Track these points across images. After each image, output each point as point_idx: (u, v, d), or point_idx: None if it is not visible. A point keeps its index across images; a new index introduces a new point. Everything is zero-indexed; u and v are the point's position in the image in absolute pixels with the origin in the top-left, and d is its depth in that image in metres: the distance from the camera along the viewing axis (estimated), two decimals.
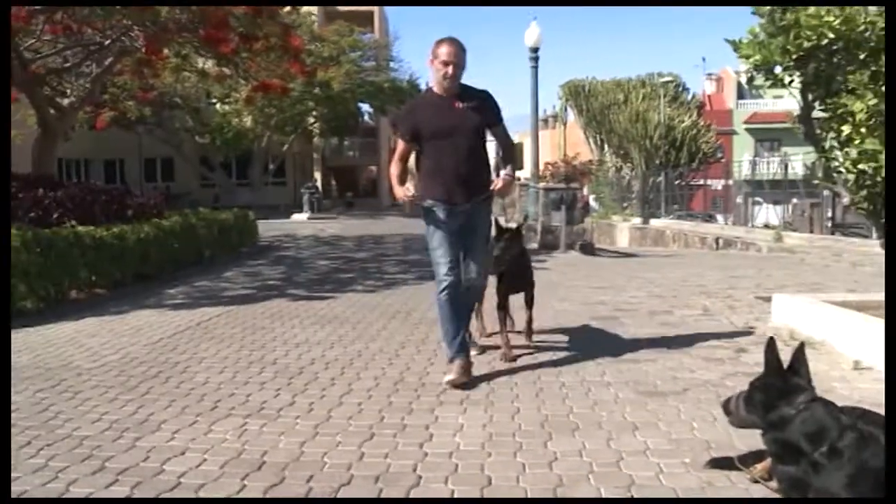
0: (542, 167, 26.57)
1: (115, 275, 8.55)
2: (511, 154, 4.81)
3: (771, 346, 2.66)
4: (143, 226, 9.61)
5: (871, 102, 4.63)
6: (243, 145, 36.06)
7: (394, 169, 4.54)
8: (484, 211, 4.64)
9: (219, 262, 11.61)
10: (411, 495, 2.83)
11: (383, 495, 2.83)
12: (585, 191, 29.64)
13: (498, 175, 4.54)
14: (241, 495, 2.84)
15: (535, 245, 14.57)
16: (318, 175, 43.37)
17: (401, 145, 4.65)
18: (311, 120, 38.72)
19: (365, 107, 42.54)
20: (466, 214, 4.49)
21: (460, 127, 4.45)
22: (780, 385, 2.59)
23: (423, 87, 28.44)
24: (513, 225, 5.31)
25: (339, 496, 2.82)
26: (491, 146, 4.83)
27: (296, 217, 28.92)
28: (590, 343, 5.44)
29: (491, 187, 4.50)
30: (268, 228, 18.57)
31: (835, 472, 2.38)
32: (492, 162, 4.88)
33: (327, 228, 22.36)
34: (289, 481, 2.98)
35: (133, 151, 37.60)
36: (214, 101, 33.82)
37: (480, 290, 4.88)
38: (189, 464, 3.17)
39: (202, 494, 2.84)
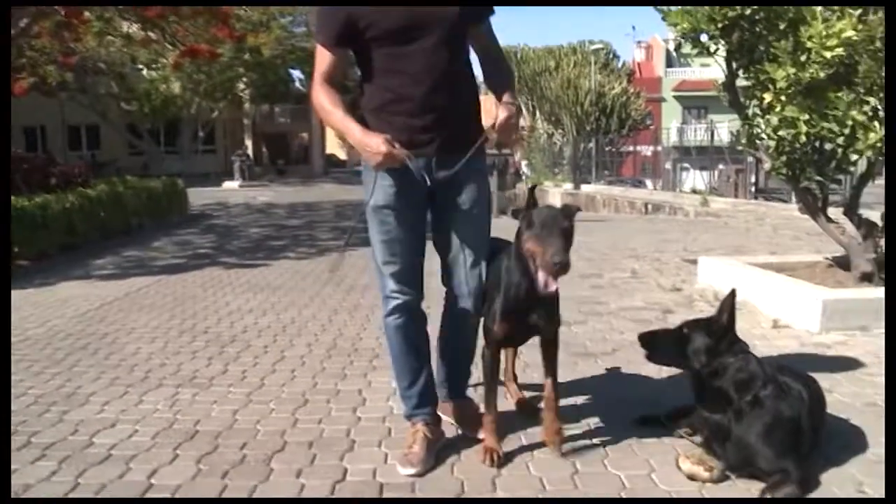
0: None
1: (39, 246, 8.27)
2: (506, 69, 2.97)
3: (732, 296, 2.69)
4: (67, 195, 9.32)
5: (791, 71, 4.73)
6: (172, 112, 35.10)
7: (325, 101, 2.73)
8: (477, 175, 2.89)
9: (148, 232, 11.35)
10: (345, 460, 2.84)
11: (318, 461, 2.84)
12: (517, 157, 29.79)
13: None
14: (174, 465, 2.80)
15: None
16: (248, 142, 42.61)
17: (323, 57, 2.77)
18: (241, 86, 37.92)
19: (296, 73, 41.86)
20: (445, 181, 2.75)
21: (430, 19, 2.64)
22: (729, 335, 2.66)
23: None
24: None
25: (272, 463, 2.81)
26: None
27: (227, 185, 28.40)
28: None
29: (492, 126, 2.76)
30: (198, 197, 18.23)
31: (755, 420, 2.51)
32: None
33: (259, 196, 22.03)
34: (222, 449, 2.96)
35: (55, 118, 36.20)
36: (141, 66, 32.73)
37: (477, 323, 2.95)
38: (119, 435, 3.11)
39: (133, 466, 2.79)
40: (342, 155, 55.53)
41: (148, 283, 6.86)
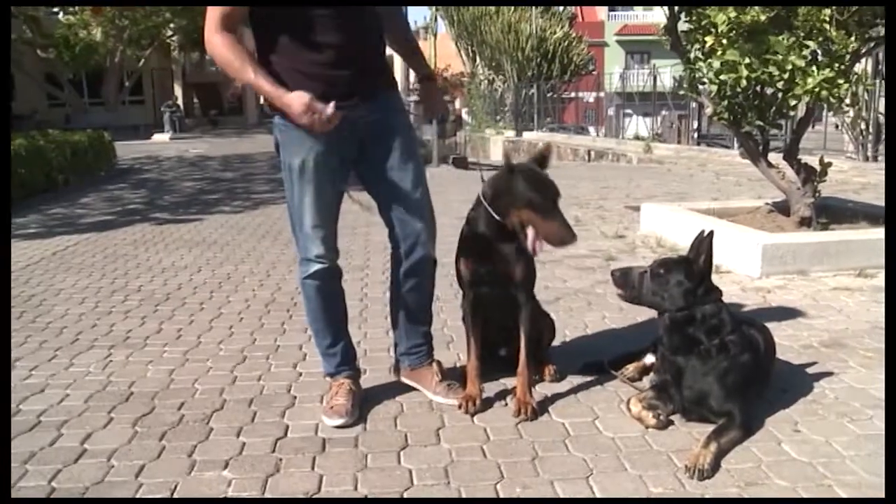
0: (412, 80, 26.32)
1: None
2: (413, 41, 3.08)
3: (710, 238, 2.70)
4: None
5: (731, 14, 4.78)
6: (94, 61, 33.78)
7: (231, 56, 2.47)
8: (402, 117, 2.88)
9: (74, 188, 11.02)
10: (286, 416, 2.84)
11: (258, 418, 2.83)
12: (458, 104, 29.62)
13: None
14: (108, 428, 2.77)
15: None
16: (179, 93, 41.38)
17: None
18: (169, 33, 36.62)
19: None
20: (368, 124, 2.69)
21: None
22: (706, 281, 2.70)
23: None
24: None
25: (211, 422, 2.80)
26: None
27: (157, 138, 27.64)
28: None
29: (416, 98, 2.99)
30: (127, 150, 17.76)
31: (717, 363, 2.62)
32: None
33: (191, 149, 21.54)
34: (159, 410, 2.93)
35: None
36: (56, 10, 31.36)
37: (433, 265, 2.99)
38: (49, 401, 3.05)
39: (65, 431, 2.74)
40: None
41: (75, 242, 6.68)
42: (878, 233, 5.03)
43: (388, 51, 2.91)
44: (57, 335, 3.93)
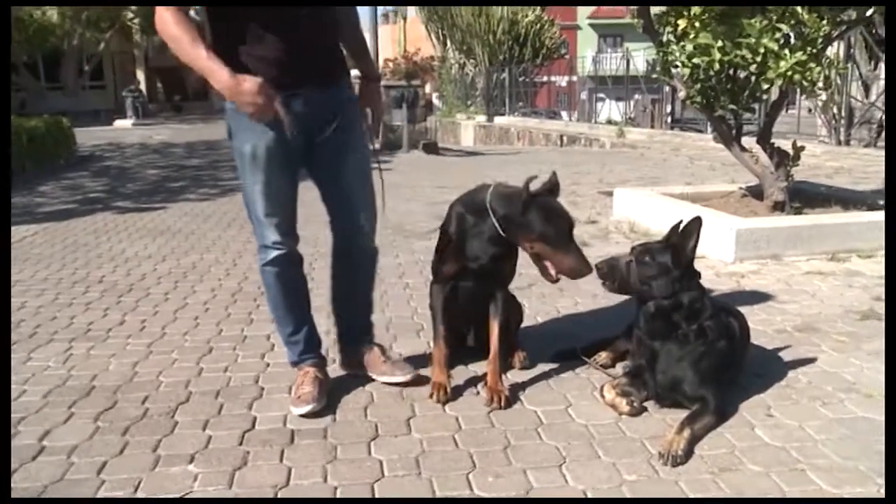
0: (381, 64, 26.17)
1: None
2: (363, 39, 3.06)
3: (698, 224, 2.71)
4: None
5: None
6: (51, 43, 33.17)
7: (183, 36, 2.42)
8: (353, 107, 2.86)
9: (32, 176, 10.81)
10: (254, 408, 2.82)
11: (225, 411, 2.81)
12: (428, 88, 29.48)
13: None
14: (69, 424, 2.73)
15: (376, 146, 14.46)
16: (141, 77, 40.81)
17: None
18: (130, 15, 36.10)
19: None
20: (318, 114, 2.68)
21: None
22: (691, 267, 2.73)
23: None
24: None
25: (177, 416, 2.77)
26: None
27: (119, 124, 27.27)
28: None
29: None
30: (88, 137, 17.51)
31: (694, 348, 2.64)
32: None
33: (155, 135, 21.26)
34: (121, 404, 2.89)
35: None
36: None
37: (375, 254, 3.06)
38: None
39: (23, 429, 2.70)
40: None
41: (34, 232, 6.57)
42: (851, 217, 5.11)
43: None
44: (14, 328, 3.86)
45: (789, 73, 4.70)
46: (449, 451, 2.48)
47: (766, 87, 5.08)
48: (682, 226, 2.74)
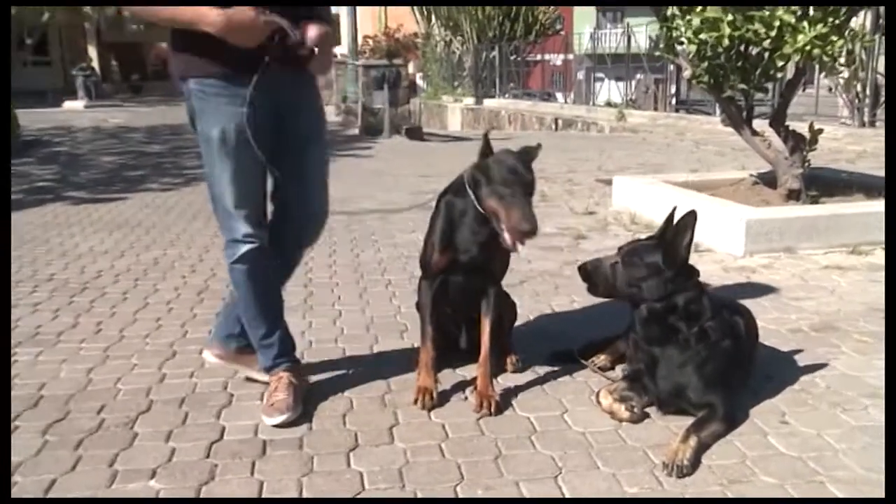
0: (360, 42, 26.07)
1: None
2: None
3: (693, 219, 2.67)
4: None
5: None
6: None
7: None
8: (315, 91, 2.94)
9: None
10: (222, 417, 2.81)
11: (190, 420, 2.80)
12: (411, 68, 29.43)
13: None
14: (14, 437, 2.71)
15: (356, 130, 14.49)
16: (93, 54, 40.54)
17: None
18: None
19: None
20: (289, 95, 2.74)
21: None
22: (686, 265, 2.71)
23: None
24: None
25: (136, 427, 2.76)
26: None
27: (69, 105, 27.08)
28: (420, 236, 5.52)
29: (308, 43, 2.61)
30: (33, 119, 17.38)
31: (696, 352, 2.65)
32: None
33: (110, 118, 21.14)
34: (74, 415, 2.87)
35: None
36: None
37: (300, 258, 3.13)
38: None
39: None
40: None
41: None
42: (874, 206, 5.07)
43: (335, 10, 2.86)
44: None
45: (808, 47, 4.69)
46: (435, 461, 2.48)
47: (780, 64, 5.08)
48: (675, 221, 2.71)
